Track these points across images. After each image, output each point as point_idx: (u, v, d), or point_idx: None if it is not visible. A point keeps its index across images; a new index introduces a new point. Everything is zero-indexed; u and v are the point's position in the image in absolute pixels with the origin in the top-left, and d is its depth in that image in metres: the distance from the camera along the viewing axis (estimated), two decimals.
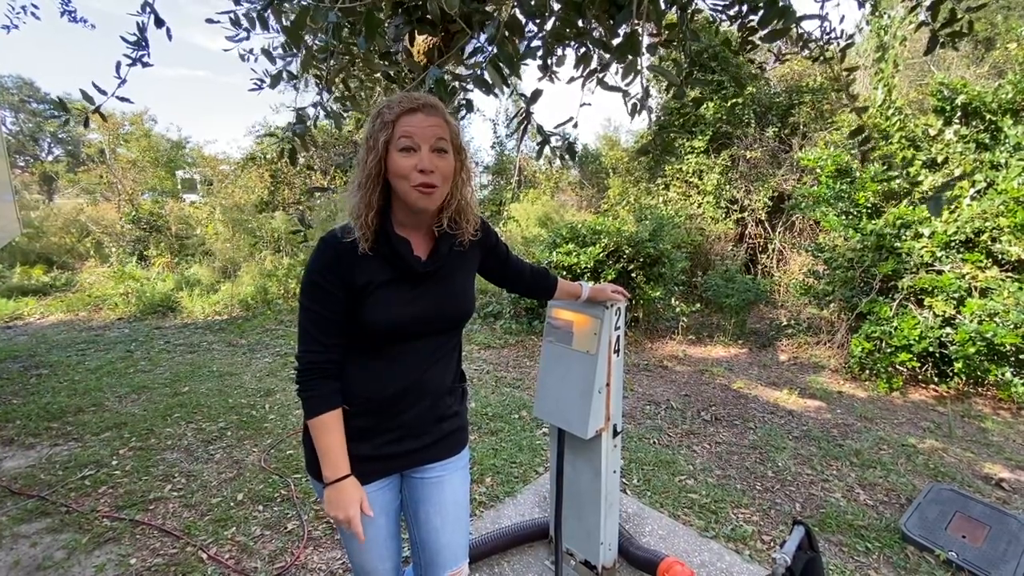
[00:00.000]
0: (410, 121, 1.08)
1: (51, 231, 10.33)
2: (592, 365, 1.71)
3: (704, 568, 2.11)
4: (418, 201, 1.10)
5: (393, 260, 1.14)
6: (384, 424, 1.22)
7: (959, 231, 4.31)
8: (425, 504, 1.30)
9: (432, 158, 1.08)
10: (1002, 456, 3.33)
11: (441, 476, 1.30)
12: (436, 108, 1.11)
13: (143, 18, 1.62)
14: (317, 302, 1.13)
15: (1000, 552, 2.32)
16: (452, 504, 1.32)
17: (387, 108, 1.10)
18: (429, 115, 1.09)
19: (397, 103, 1.10)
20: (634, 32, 1.12)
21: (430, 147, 1.09)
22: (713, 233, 7.76)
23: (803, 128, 8.07)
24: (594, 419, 1.73)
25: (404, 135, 1.07)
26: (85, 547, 2.33)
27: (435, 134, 1.09)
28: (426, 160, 1.08)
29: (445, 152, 1.11)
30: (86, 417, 3.68)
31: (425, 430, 1.26)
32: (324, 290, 1.12)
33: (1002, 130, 4.38)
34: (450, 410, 1.31)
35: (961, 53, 9.49)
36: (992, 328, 3.83)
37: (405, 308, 1.16)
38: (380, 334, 1.16)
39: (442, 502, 1.30)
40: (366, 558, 1.29)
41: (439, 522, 1.30)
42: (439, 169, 1.09)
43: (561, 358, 1.81)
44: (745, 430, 3.68)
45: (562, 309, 1.82)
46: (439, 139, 1.10)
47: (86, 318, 6.83)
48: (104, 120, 1.58)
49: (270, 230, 8.67)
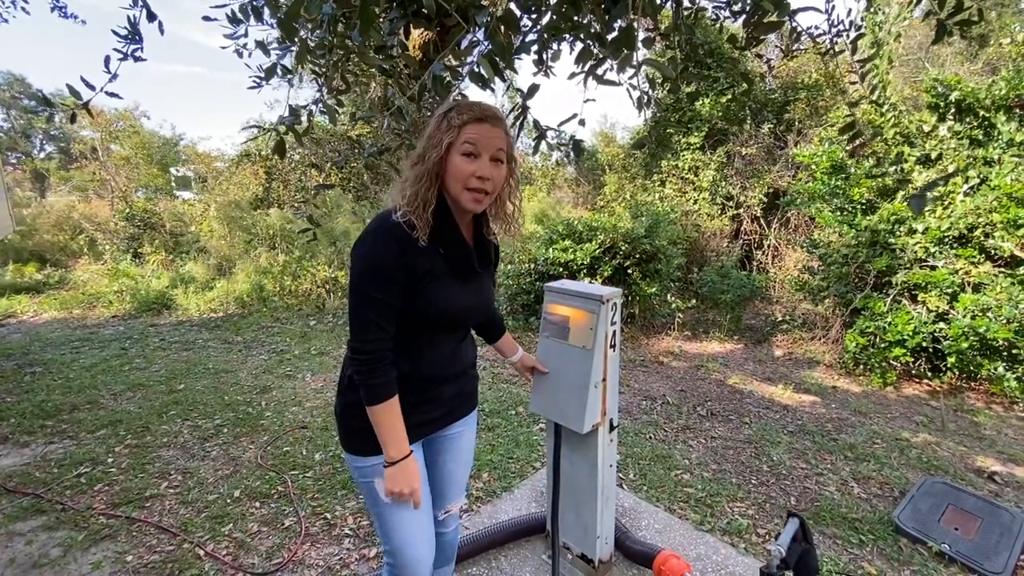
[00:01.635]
0: (477, 129, 1.15)
1: (44, 228, 10.25)
2: (588, 360, 1.72)
3: (700, 561, 2.12)
4: (468, 203, 1.19)
5: (456, 257, 1.23)
6: (423, 398, 1.32)
7: (952, 227, 4.34)
8: (444, 454, 1.47)
9: (490, 167, 1.18)
10: (994, 449, 3.37)
11: (461, 431, 1.49)
12: (500, 121, 1.20)
13: (135, 12, 1.61)
14: (381, 290, 1.16)
15: (992, 544, 2.35)
16: (466, 451, 1.53)
17: (455, 112, 1.16)
18: (495, 126, 1.18)
19: (467, 109, 1.17)
20: (630, 26, 1.12)
21: (490, 156, 1.18)
22: (709, 229, 7.77)
23: (798, 125, 8.09)
24: (590, 414, 1.74)
25: (469, 140, 1.15)
26: (81, 544, 2.32)
27: (496, 145, 1.18)
28: (485, 168, 1.17)
29: (501, 163, 1.20)
30: (81, 415, 3.66)
31: (456, 400, 1.42)
32: (390, 278, 1.16)
33: (995, 126, 4.40)
34: (472, 378, 1.49)
35: (955, 49, 9.54)
36: (985, 323, 3.86)
37: (458, 299, 1.26)
38: (432, 322, 1.24)
39: (459, 449, 1.50)
40: (410, 530, 1.32)
41: (454, 466, 1.50)
42: (494, 178, 1.19)
43: (557, 353, 1.82)
44: (740, 425, 3.70)
45: (559, 304, 1.82)
46: (499, 150, 1.19)
47: (80, 316, 6.79)
48: (92, 116, 1.57)
49: (265, 227, 8.63)
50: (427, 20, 1.50)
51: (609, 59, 1.41)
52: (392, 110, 1.64)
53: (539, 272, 5.78)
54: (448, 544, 1.62)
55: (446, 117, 1.17)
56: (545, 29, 1.50)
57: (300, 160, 9.41)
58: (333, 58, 1.69)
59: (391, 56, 1.58)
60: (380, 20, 1.56)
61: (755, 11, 1.26)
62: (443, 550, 1.60)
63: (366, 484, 1.30)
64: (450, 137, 1.15)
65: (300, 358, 5.06)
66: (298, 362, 4.94)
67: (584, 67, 1.55)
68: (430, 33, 1.66)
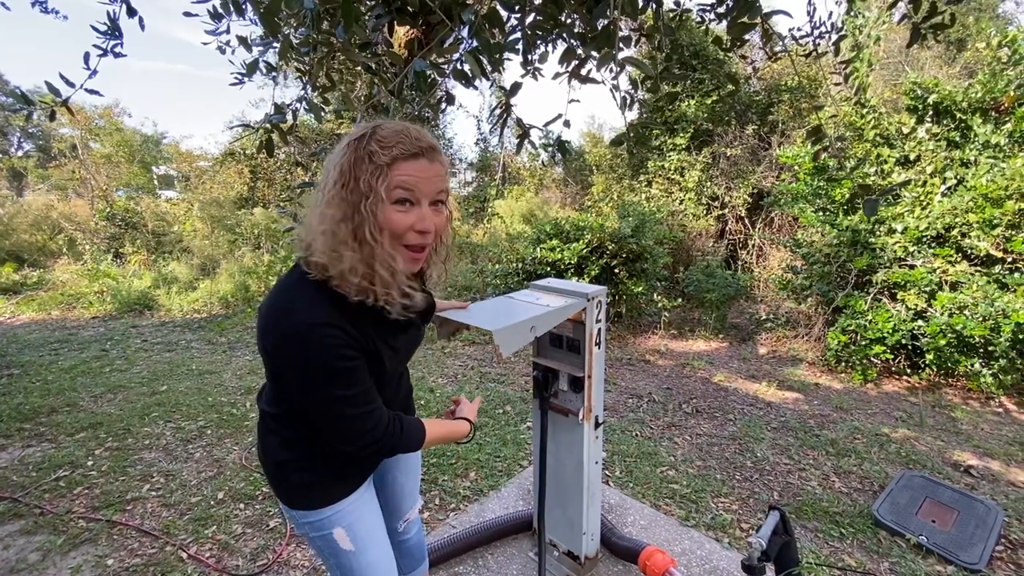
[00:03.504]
0: (411, 168, 0.91)
1: (21, 228, 10.04)
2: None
3: (685, 556, 2.15)
4: (404, 264, 0.96)
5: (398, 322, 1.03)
6: None
7: (930, 227, 4.43)
8: (392, 471, 1.41)
9: (431, 214, 0.96)
10: (971, 444, 3.45)
11: None
12: (437, 152, 0.96)
13: (114, 7, 1.58)
14: (358, 383, 0.97)
15: (968, 536, 2.40)
16: (412, 459, 1.46)
17: (380, 147, 0.90)
18: (432, 161, 0.94)
19: (394, 142, 0.91)
20: (610, 25, 1.13)
21: (430, 200, 0.95)
22: (694, 229, 7.85)
23: (782, 126, 8.20)
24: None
25: (401, 186, 0.91)
26: (61, 548, 2.28)
27: (437, 187, 0.95)
28: (427, 219, 0.95)
29: (443, 204, 0.99)
30: (60, 417, 3.60)
31: None
32: (358, 366, 0.97)
33: (972, 128, 4.50)
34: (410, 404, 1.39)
35: (934, 53, 9.73)
36: (962, 321, 3.95)
37: (404, 354, 1.16)
38: (382, 382, 1.08)
39: (406, 460, 1.43)
40: (380, 555, 1.23)
41: (404, 479, 1.44)
42: (437, 226, 0.98)
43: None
44: (725, 422, 3.74)
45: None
46: (440, 192, 0.97)
47: (59, 317, 6.66)
48: (72, 114, 1.53)
49: (250, 226, 8.54)
50: (411, 17, 1.50)
51: (592, 58, 1.42)
52: (375, 105, 1.64)
53: (527, 271, 5.79)
54: (416, 547, 1.56)
55: (369, 154, 0.90)
56: (529, 27, 1.51)
57: (285, 159, 9.32)
58: (317, 55, 1.69)
59: (376, 54, 1.58)
60: (364, 17, 1.55)
61: (732, 11, 1.29)
62: (411, 555, 1.55)
63: (322, 537, 1.14)
64: (378, 180, 0.89)
65: None
66: None
67: (568, 67, 1.57)
68: (415, 31, 1.66)
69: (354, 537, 1.16)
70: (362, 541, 1.17)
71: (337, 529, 1.13)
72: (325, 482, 1.12)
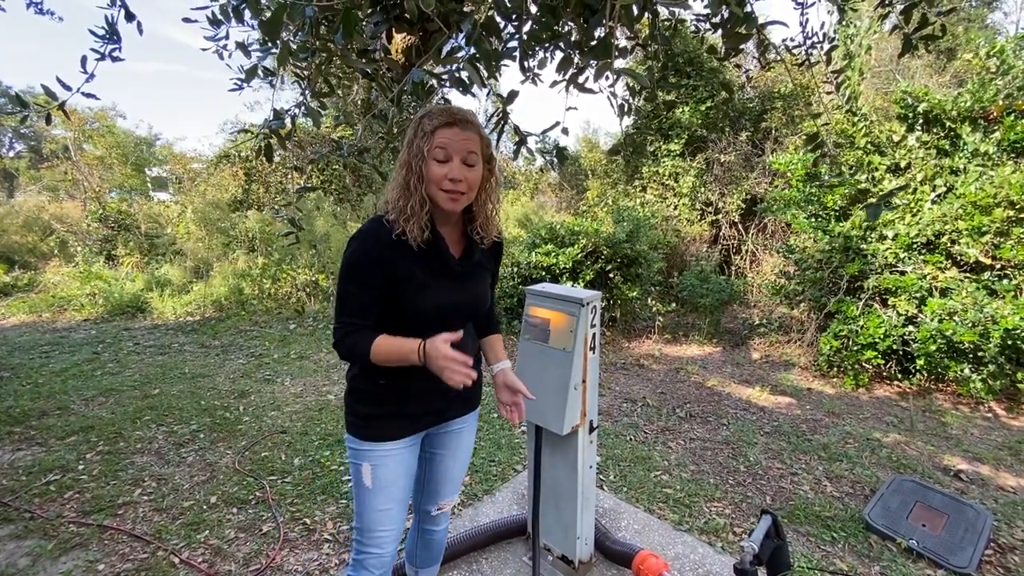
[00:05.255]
0: (447, 134, 1.20)
1: (12, 229, 9.95)
2: (568, 362, 1.74)
3: (678, 560, 2.16)
4: (445, 203, 1.23)
5: (434, 257, 1.28)
6: (420, 388, 1.35)
7: (920, 234, 4.48)
8: (442, 450, 1.52)
9: (462, 169, 1.22)
10: (960, 448, 3.48)
11: (461, 428, 1.53)
12: (470, 124, 1.23)
13: (113, 11, 1.59)
14: (358, 288, 1.25)
15: (958, 539, 2.43)
16: (465, 448, 1.56)
17: (427, 118, 1.22)
18: (464, 129, 1.21)
19: (438, 114, 1.22)
20: (607, 36, 1.15)
21: (461, 159, 1.22)
22: (688, 234, 7.90)
23: (775, 133, 8.28)
24: (570, 415, 1.76)
25: (439, 145, 1.20)
26: (51, 553, 2.26)
27: (466, 148, 1.22)
28: (456, 170, 1.21)
29: (473, 165, 1.24)
30: (51, 421, 3.57)
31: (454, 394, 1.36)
32: (366, 280, 1.24)
33: (961, 137, 4.57)
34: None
35: (924, 63, 9.86)
36: (952, 326, 4.00)
37: (434, 298, 1.30)
38: (419, 320, 1.29)
39: (458, 446, 1.53)
40: (380, 517, 1.38)
41: (451, 462, 1.54)
42: (467, 179, 1.23)
43: (538, 355, 1.84)
44: (718, 426, 3.76)
45: (539, 307, 1.85)
46: (470, 152, 1.22)
47: (50, 319, 6.60)
48: (68, 117, 1.54)
49: (244, 229, 8.50)
50: (409, 24, 1.51)
51: (588, 67, 1.44)
52: (375, 112, 1.65)
53: (522, 276, 5.80)
54: (436, 543, 1.65)
55: (420, 124, 1.22)
56: (527, 36, 1.52)
57: (282, 162, 9.30)
58: (316, 61, 1.69)
59: (374, 60, 1.59)
60: (363, 23, 1.56)
61: (727, 23, 1.31)
62: (430, 549, 1.66)
63: (354, 465, 1.37)
64: (425, 143, 1.20)
65: (279, 362, 5.00)
66: (277, 366, 4.88)
67: (565, 75, 1.58)
68: (413, 37, 1.67)
69: (375, 478, 1.34)
70: (379, 484, 1.35)
71: (365, 464, 1.34)
72: (375, 419, 1.34)
